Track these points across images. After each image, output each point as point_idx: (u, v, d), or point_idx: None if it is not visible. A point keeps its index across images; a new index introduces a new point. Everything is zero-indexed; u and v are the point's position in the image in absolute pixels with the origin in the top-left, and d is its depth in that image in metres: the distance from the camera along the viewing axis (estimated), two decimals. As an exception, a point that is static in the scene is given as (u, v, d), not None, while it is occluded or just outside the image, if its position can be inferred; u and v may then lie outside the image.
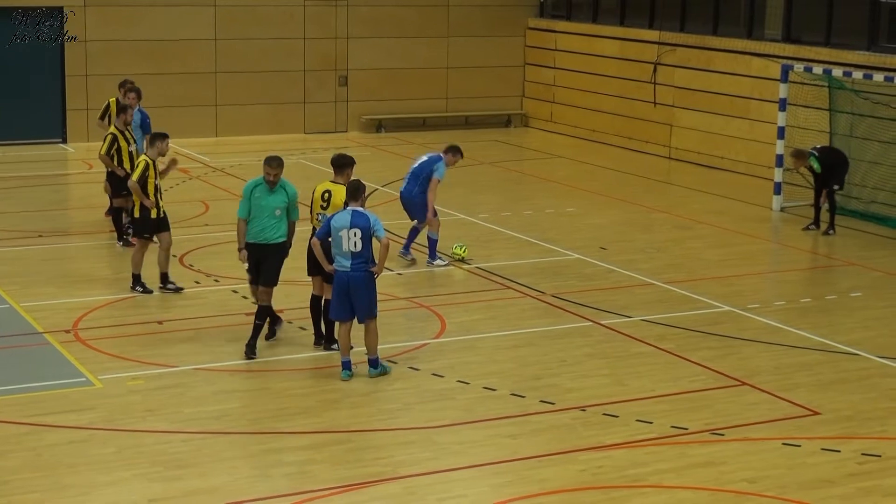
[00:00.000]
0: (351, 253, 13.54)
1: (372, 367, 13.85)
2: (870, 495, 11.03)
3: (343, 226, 13.54)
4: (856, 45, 24.44)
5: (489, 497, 10.92)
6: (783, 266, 19.84)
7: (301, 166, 25.11)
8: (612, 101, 30.10)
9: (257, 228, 14.34)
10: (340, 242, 13.55)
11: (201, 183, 24.52)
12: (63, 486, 11.03)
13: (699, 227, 21.73)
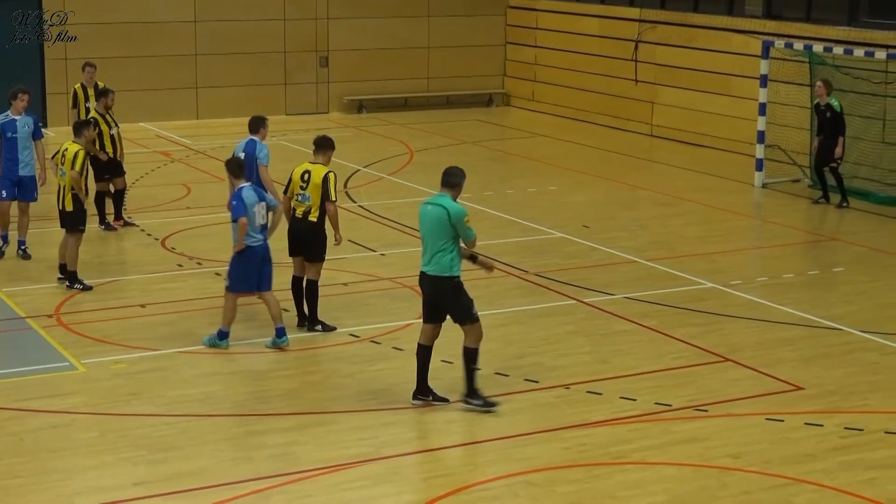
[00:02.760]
0: (261, 226, 13.94)
1: (279, 336, 14.09)
2: (853, 469, 11.09)
3: (254, 202, 13.86)
4: (836, 20, 24.48)
5: (474, 476, 10.97)
6: (765, 242, 19.91)
7: (282, 147, 25.05)
8: (593, 79, 30.10)
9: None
10: (254, 218, 13.82)
11: (183, 166, 24.48)
12: (47, 470, 11.02)
13: (682, 205, 21.77)
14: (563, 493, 10.65)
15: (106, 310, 15.51)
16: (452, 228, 12.12)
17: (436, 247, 12.16)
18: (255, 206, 13.82)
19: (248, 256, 13.91)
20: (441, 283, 12.24)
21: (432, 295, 12.40)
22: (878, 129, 22.23)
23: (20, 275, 16.92)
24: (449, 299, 12.30)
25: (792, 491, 10.67)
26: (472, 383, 12.35)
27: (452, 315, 12.39)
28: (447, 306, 12.35)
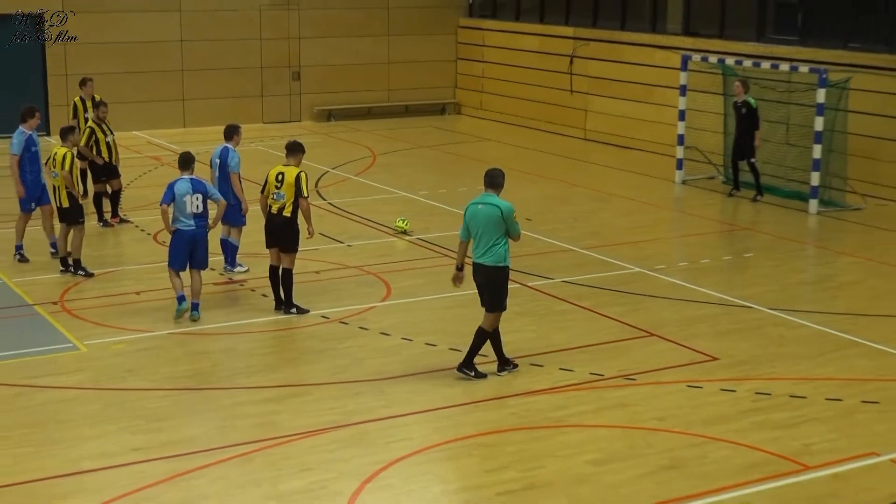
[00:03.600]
0: (193, 214, 14.21)
1: (194, 310, 14.35)
2: (761, 428, 11.21)
3: (185, 192, 14.19)
4: (746, 37, 24.65)
5: (432, 439, 10.99)
6: (685, 231, 20.03)
7: (260, 152, 25.01)
8: (534, 89, 30.16)
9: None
10: (185, 206, 14.15)
11: (172, 169, 24.21)
12: (55, 439, 11.00)
13: (612, 200, 21.89)
14: (510, 452, 10.72)
15: (105, 297, 15.46)
16: (504, 223, 12.21)
17: (490, 240, 12.24)
18: (185, 196, 14.20)
19: (178, 238, 14.35)
20: (495, 272, 12.31)
21: (481, 281, 12.41)
22: (783, 132, 22.40)
23: (28, 267, 16.83)
24: (495, 286, 12.36)
25: (709, 448, 10.77)
26: (472, 357, 12.48)
27: (489, 300, 12.43)
28: (490, 292, 12.39)
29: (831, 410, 11.68)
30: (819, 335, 14.03)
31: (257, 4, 30.38)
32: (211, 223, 14.57)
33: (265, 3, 30.47)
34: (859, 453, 10.66)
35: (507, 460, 10.53)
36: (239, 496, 9.82)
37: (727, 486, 9.97)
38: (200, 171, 19.53)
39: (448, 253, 17.61)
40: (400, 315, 14.75)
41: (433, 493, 9.96)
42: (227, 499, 9.77)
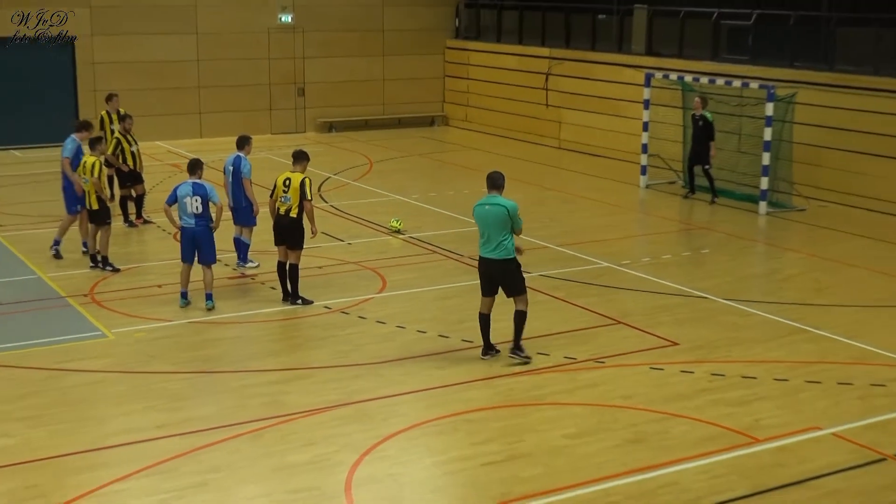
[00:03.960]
0: (194, 214, 14.27)
1: (208, 300, 14.41)
2: (717, 405, 11.24)
3: (185, 194, 14.29)
4: (702, 56, 24.69)
5: (425, 415, 11.01)
6: (648, 230, 20.05)
7: (268, 160, 24.97)
8: (513, 103, 30.17)
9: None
10: (185, 207, 14.26)
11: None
12: (86, 417, 11.00)
13: (583, 202, 21.90)
14: (495, 427, 10.73)
15: (130, 289, 15.43)
16: (510, 220, 12.22)
17: (499, 237, 12.21)
18: (185, 197, 14.31)
19: (183, 235, 14.52)
20: (507, 265, 12.29)
21: (495, 275, 12.34)
22: (736, 141, 22.43)
23: (61, 263, 16.77)
24: (511, 275, 12.36)
25: (670, 423, 10.80)
26: (519, 340, 12.47)
27: (510, 288, 12.41)
28: (508, 282, 12.37)
29: (779, 389, 11.72)
30: (768, 322, 14.07)
31: (266, 28, 30.33)
32: (213, 224, 14.52)
33: (273, 27, 30.43)
34: (803, 428, 10.70)
35: (491, 434, 10.55)
36: (250, 468, 9.82)
37: (686, 457, 10.00)
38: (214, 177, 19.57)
39: (437, 250, 17.63)
40: (395, 305, 14.74)
41: (425, 464, 9.97)
42: (239, 470, 9.76)
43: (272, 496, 9.29)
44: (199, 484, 9.49)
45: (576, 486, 9.45)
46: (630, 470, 9.73)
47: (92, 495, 9.30)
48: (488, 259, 12.33)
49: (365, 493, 9.32)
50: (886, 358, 12.71)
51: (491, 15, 32.06)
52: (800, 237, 19.01)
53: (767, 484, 9.49)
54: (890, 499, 9.23)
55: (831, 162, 21.54)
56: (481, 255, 12.41)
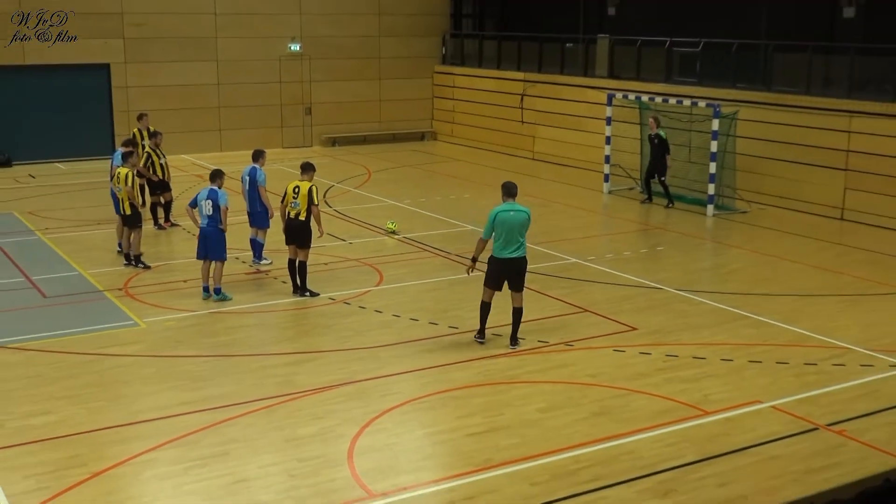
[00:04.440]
0: (207, 216, 14.27)
1: (216, 293, 14.31)
2: (671, 383, 11.23)
3: (202, 198, 14.35)
4: (657, 78, 24.69)
5: (416, 392, 10.97)
6: (611, 231, 20.04)
7: (280, 171, 24.86)
8: (493, 120, 30.14)
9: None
10: (201, 209, 14.30)
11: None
12: (120, 396, 10.94)
13: (554, 206, 21.87)
14: (477, 403, 10.70)
15: (159, 284, 15.35)
16: (529, 223, 12.20)
17: (521, 239, 12.13)
18: (201, 201, 14.36)
19: (200, 234, 14.47)
20: (525, 263, 12.25)
21: (512, 272, 12.13)
22: (686, 153, 22.42)
23: (98, 261, 16.70)
24: (523, 274, 12.26)
25: (631, 398, 10.78)
26: (517, 333, 12.39)
27: (518, 284, 12.22)
28: (519, 278, 12.20)
29: (725, 368, 11.71)
30: (715, 310, 14.06)
31: (278, 56, 30.24)
32: (221, 225, 14.35)
33: (284, 55, 30.33)
34: (746, 401, 10.69)
35: (473, 409, 10.51)
36: (264, 439, 9.76)
37: (645, 428, 9.98)
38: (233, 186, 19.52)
39: (427, 248, 17.57)
40: (390, 297, 14.70)
41: (417, 435, 9.92)
42: (254, 441, 9.71)
43: (283, 464, 9.24)
44: (219, 454, 9.43)
45: (548, 453, 9.42)
46: (595, 439, 9.70)
47: (126, 464, 9.25)
48: (509, 259, 12.09)
49: (365, 461, 9.27)
50: (818, 340, 12.71)
51: (473, 44, 32.02)
52: (743, 236, 19.02)
53: (715, 451, 9.48)
54: (822, 463, 9.22)
55: (769, 170, 21.55)
56: (500, 256, 12.10)
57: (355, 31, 31.33)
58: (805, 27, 23.06)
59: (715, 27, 23.87)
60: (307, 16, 30.55)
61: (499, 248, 12.16)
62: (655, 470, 9.06)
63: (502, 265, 12.18)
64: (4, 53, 26.53)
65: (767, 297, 14.72)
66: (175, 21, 28.62)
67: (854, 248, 17.85)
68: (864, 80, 20.76)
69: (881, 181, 19.52)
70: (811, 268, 16.46)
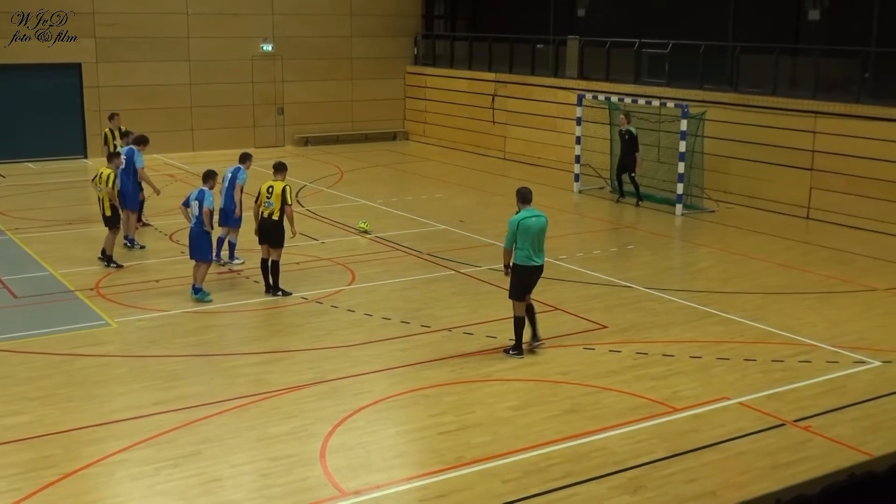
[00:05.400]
0: (194, 216, 14.20)
1: (195, 292, 14.23)
2: (641, 380, 11.27)
3: (192, 199, 14.25)
4: (626, 80, 24.78)
5: (389, 391, 10.95)
6: (581, 229, 20.09)
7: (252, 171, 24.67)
8: (464, 120, 30.15)
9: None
10: (192, 209, 14.24)
11: (183, 183, 24.07)
12: (92, 396, 10.83)
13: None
14: (449, 401, 10.69)
15: (131, 284, 15.23)
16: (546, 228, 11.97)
17: (542, 245, 11.93)
18: (191, 202, 14.27)
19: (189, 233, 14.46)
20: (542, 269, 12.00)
21: (536, 278, 11.91)
22: (655, 153, 22.54)
23: (70, 261, 16.54)
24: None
25: (602, 395, 10.81)
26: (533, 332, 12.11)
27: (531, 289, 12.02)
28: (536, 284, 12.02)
29: (693, 365, 11.77)
30: (684, 308, 14.13)
31: (250, 56, 30.10)
32: (205, 226, 14.25)
33: (256, 55, 30.20)
34: (715, 398, 10.75)
35: (445, 407, 10.50)
36: (237, 438, 9.71)
37: (615, 425, 10.01)
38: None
39: (399, 248, 17.55)
40: (362, 296, 14.66)
41: (389, 433, 9.90)
42: (227, 441, 9.65)
43: (256, 463, 9.19)
44: (192, 453, 9.37)
45: (520, 450, 9.43)
46: (566, 436, 9.72)
47: (98, 464, 9.17)
48: (537, 266, 11.86)
49: (337, 459, 9.24)
50: (784, 338, 12.81)
51: (445, 45, 32.01)
52: (711, 235, 19.14)
53: (684, 447, 9.52)
54: (789, 458, 9.29)
55: (737, 170, 21.70)
56: (529, 265, 11.78)
57: (327, 32, 31.25)
58: (771, 29, 23.24)
59: (683, 29, 24.00)
60: (279, 16, 30.44)
61: (525, 256, 11.77)
62: (625, 466, 9.09)
63: (532, 273, 11.87)
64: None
65: (735, 294, 14.81)
66: (147, 21, 28.42)
67: (820, 247, 18.01)
68: (829, 82, 20.95)
69: (846, 181, 19.71)
70: (778, 266, 16.58)
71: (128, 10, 28.10)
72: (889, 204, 18.94)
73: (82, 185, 24.84)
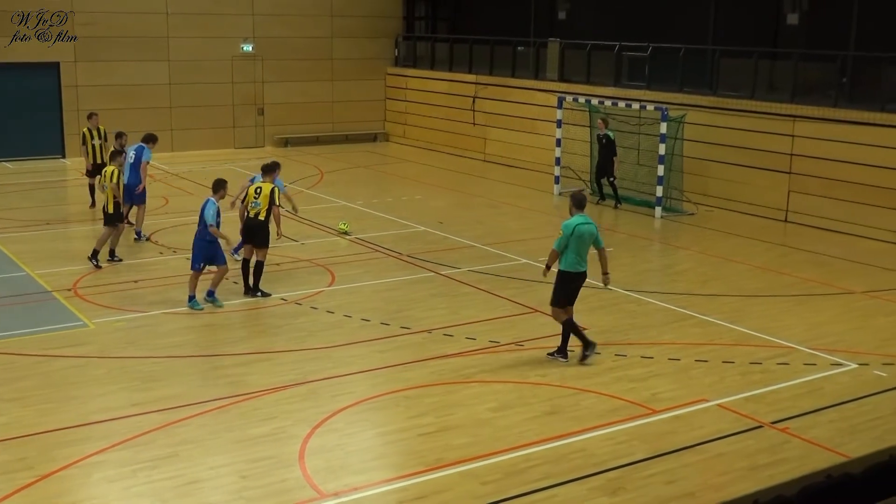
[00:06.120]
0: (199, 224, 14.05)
1: (208, 296, 14.08)
2: (620, 381, 11.30)
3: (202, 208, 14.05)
4: (606, 82, 24.84)
5: (369, 392, 10.92)
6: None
7: (233, 171, 24.66)
8: (445, 122, 30.16)
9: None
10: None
11: (163, 184, 23.98)
12: (69, 397, 10.75)
13: (505, 207, 21.94)
14: (429, 402, 10.67)
15: (109, 285, 15.14)
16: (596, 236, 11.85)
17: (588, 251, 11.85)
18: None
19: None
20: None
21: (580, 285, 11.89)
22: (635, 155, 22.62)
23: (47, 262, 16.42)
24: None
25: (581, 397, 10.83)
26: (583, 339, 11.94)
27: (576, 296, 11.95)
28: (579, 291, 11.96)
29: (672, 367, 11.81)
30: (662, 310, 14.18)
31: (230, 56, 29.99)
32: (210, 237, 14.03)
33: (236, 55, 30.10)
34: (693, 400, 10.79)
35: (425, 409, 10.49)
36: (216, 440, 9.66)
37: (594, 426, 10.02)
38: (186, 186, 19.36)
39: (379, 249, 17.53)
40: (342, 297, 14.63)
41: (369, 435, 9.89)
42: (207, 442, 9.60)
43: (235, 465, 9.15)
44: (170, 455, 9.31)
45: (499, 452, 9.43)
46: (546, 438, 9.73)
47: (75, 466, 9.10)
48: (583, 272, 11.84)
49: (317, 461, 9.22)
50: (763, 340, 12.87)
51: (425, 46, 32.02)
52: (690, 237, 19.21)
53: (663, 448, 9.55)
54: (767, 460, 9.33)
55: (716, 173, 21.80)
56: (576, 271, 11.76)
57: (308, 33, 31.19)
58: (750, 33, 23.37)
59: (663, 32, 24.10)
60: (260, 16, 30.35)
61: (573, 262, 11.74)
62: (605, 468, 9.11)
63: (578, 279, 11.83)
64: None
65: (714, 297, 14.87)
66: (126, 20, 28.27)
67: (798, 250, 18.12)
68: (807, 86, 21.09)
69: (824, 184, 19.84)
70: (756, 268, 16.66)
71: (106, 9, 27.94)
72: (866, 207, 19.08)
73: (60, 184, 24.70)
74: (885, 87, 19.15)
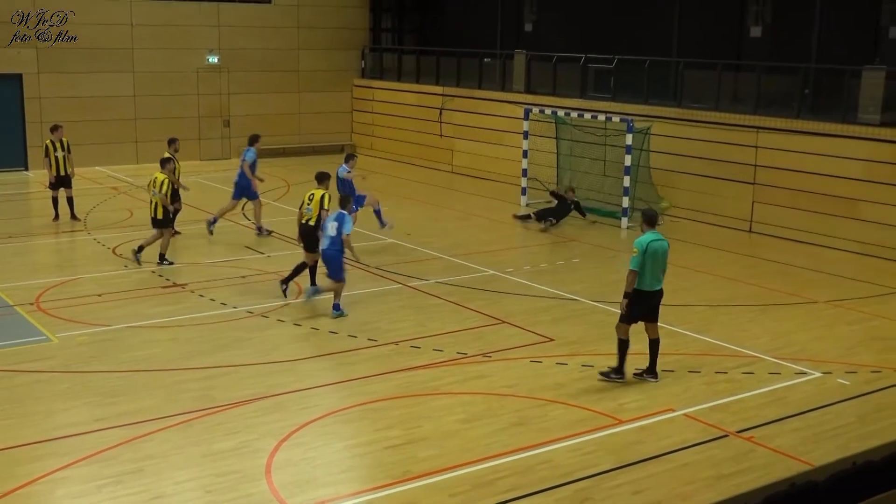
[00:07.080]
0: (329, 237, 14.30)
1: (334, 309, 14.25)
2: (587, 393, 11.32)
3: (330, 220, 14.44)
4: (572, 94, 24.97)
5: (336, 405, 10.89)
6: (528, 243, 20.15)
7: (198, 183, 24.53)
8: (412, 134, 30.18)
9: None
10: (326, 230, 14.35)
11: (127, 196, 23.79)
12: (32, 412, 10.62)
13: (472, 219, 21.97)
14: (395, 415, 10.65)
15: (73, 298, 14.99)
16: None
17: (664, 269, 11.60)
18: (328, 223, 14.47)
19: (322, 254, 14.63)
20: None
21: (656, 303, 11.54)
22: (601, 167, 22.75)
23: (9, 275, 16.23)
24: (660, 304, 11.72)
25: (549, 408, 10.85)
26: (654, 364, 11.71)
27: (657, 315, 11.63)
28: (658, 309, 11.62)
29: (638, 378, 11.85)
30: (629, 320, 14.24)
31: (195, 68, 29.86)
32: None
33: (202, 67, 29.96)
34: (660, 410, 10.84)
35: (392, 421, 10.46)
36: (180, 455, 9.58)
37: (562, 437, 10.05)
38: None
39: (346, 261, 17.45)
40: (309, 310, 14.57)
41: (335, 448, 9.85)
42: (171, 457, 9.52)
43: (200, 479, 9.08)
44: (135, 470, 9.23)
45: (467, 464, 9.42)
46: (513, 449, 9.73)
47: (39, 482, 8.99)
48: (658, 291, 11.56)
49: (283, 475, 9.16)
50: (729, 350, 12.97)
51: (392, 58, 32.05)
52: (655, 248, 19.30)
53: (630, 458, 9.59)
54: (732, 469, 9.39)
55: (681, 184, 21.96)
56: (652, 289, 11.46)
57: (274, 44, 31.12)
58: (714, 45, 23.60)
59: (628, 45, 24.28)
60: (225, 28, 30.25)
61: (648, 281, 11.41)
62: (572, 479, 9.13)
63: (652, 298, 11.52)
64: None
65: (680, 307, 14.97)
66: (91, 31, 28.05)
67: (763, 260, 18.28)
68: (770, 97, 21.32)
69: (787, 195, 20.05)
70: (722, 279, 16.79)
71: (71, 20, 27.71)
72: (829, 218, 19.30)
73: (23, 197, 24.46)
74: (847, 99, 19.40)
